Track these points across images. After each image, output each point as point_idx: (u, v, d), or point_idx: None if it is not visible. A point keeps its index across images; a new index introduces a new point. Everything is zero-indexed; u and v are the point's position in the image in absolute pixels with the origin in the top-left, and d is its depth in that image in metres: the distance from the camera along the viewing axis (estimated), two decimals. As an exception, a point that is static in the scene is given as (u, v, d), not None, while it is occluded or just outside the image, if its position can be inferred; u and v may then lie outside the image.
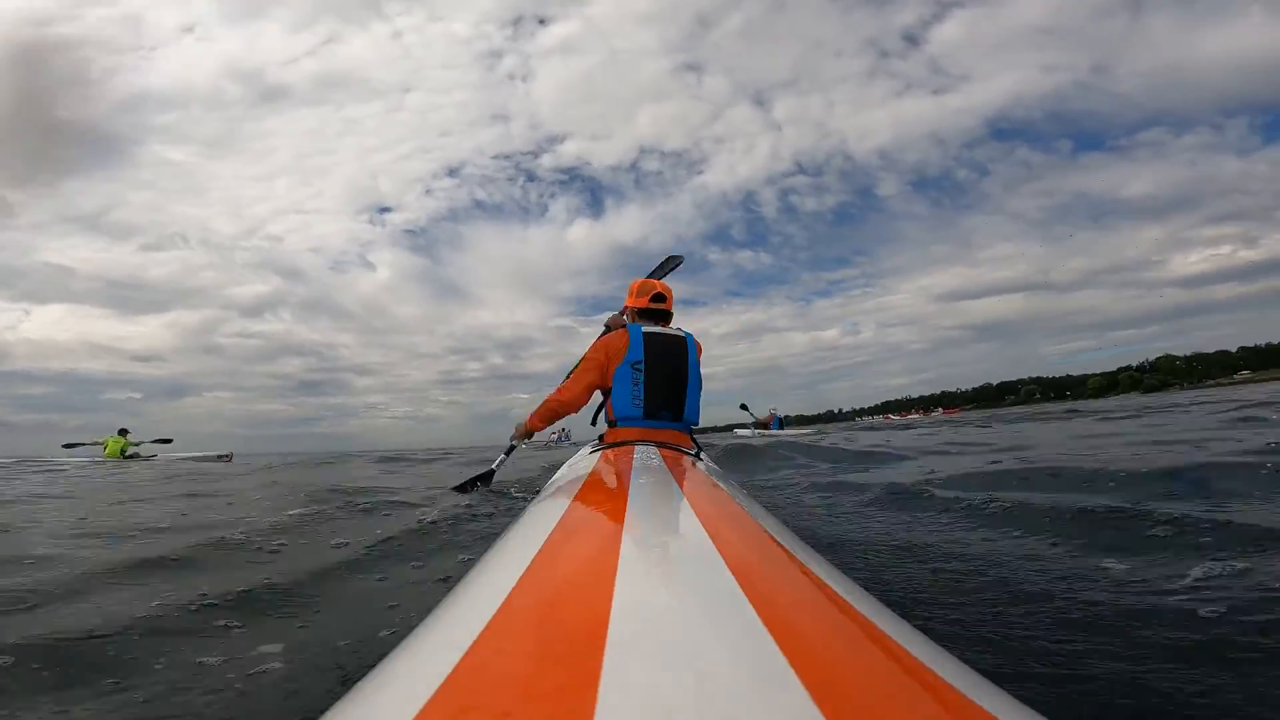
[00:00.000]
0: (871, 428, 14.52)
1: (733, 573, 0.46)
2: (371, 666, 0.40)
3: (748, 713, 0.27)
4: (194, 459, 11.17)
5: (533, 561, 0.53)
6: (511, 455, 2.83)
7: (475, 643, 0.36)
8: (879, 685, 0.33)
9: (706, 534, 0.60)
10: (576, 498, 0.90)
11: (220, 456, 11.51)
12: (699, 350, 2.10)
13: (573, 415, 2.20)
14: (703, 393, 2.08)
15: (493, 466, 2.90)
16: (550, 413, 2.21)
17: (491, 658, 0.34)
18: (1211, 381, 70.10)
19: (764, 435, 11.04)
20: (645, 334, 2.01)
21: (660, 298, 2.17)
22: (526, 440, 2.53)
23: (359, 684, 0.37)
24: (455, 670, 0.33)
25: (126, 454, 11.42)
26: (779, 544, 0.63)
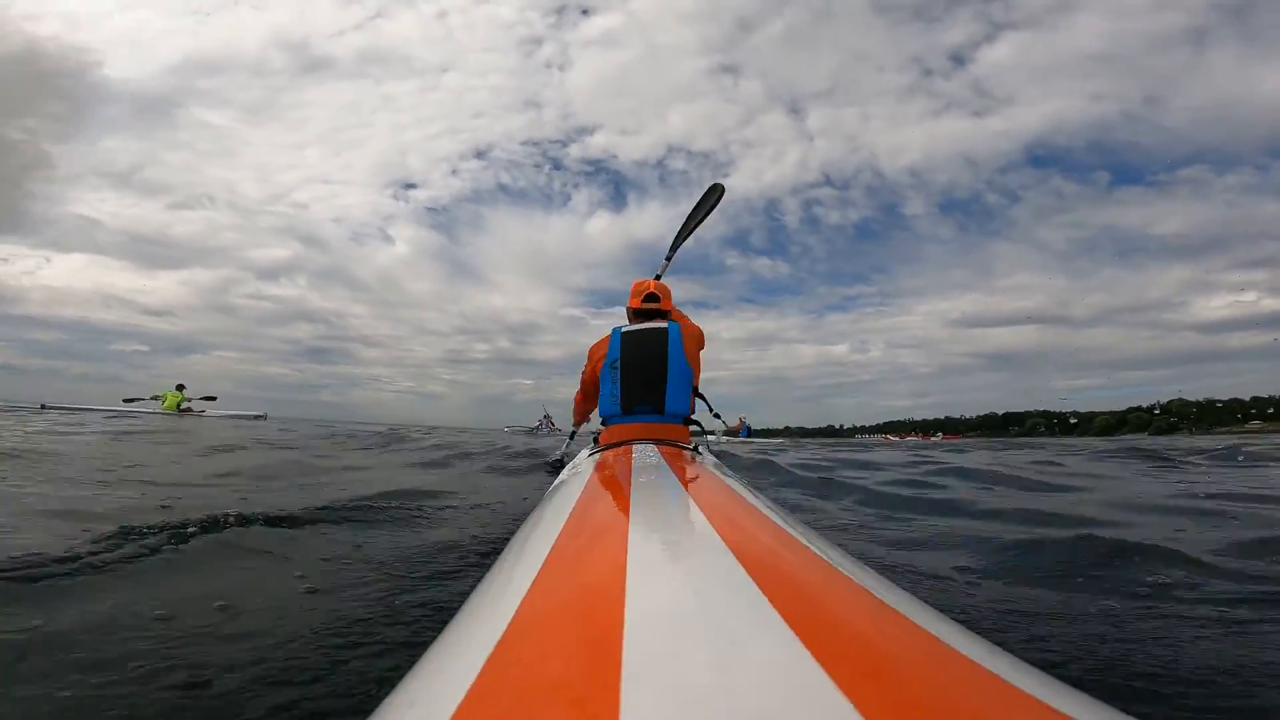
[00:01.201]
0: (859, 447, 12.75)
1: (741, 563, 0.46)
2: (396, 682, 0.40)
3: (772, 702, 0.27)
4: (232, 417, 12.31)
5: (543, 566, 0.53)
6: (570, 442, 2.91)
7: (492, 655, 0.36)
8: (907, 671, 0.32)
9: (712, 526, 0.61)
10: (579, 500, 0.90)
11: (256, 416, 12.88)
12: (689, 337, 2.02)
13: (557, 407, 2.47)
14: (702, 389, 2.05)
15: (560, 455, 2.92)
16: (576, 410, 2.44)
17: (510, 670, 0.34)
18: (1222, 428, 69.06)
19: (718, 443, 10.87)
20: (624, 333, 2.02)
21: (653, 297, 2.16)
22: (574, 430, 2.71)
23: (387, 699, 0.37)
24: (475, 684, 0.33)
25: (181, 408, 12.09)
26: (786, 531, 0.63)
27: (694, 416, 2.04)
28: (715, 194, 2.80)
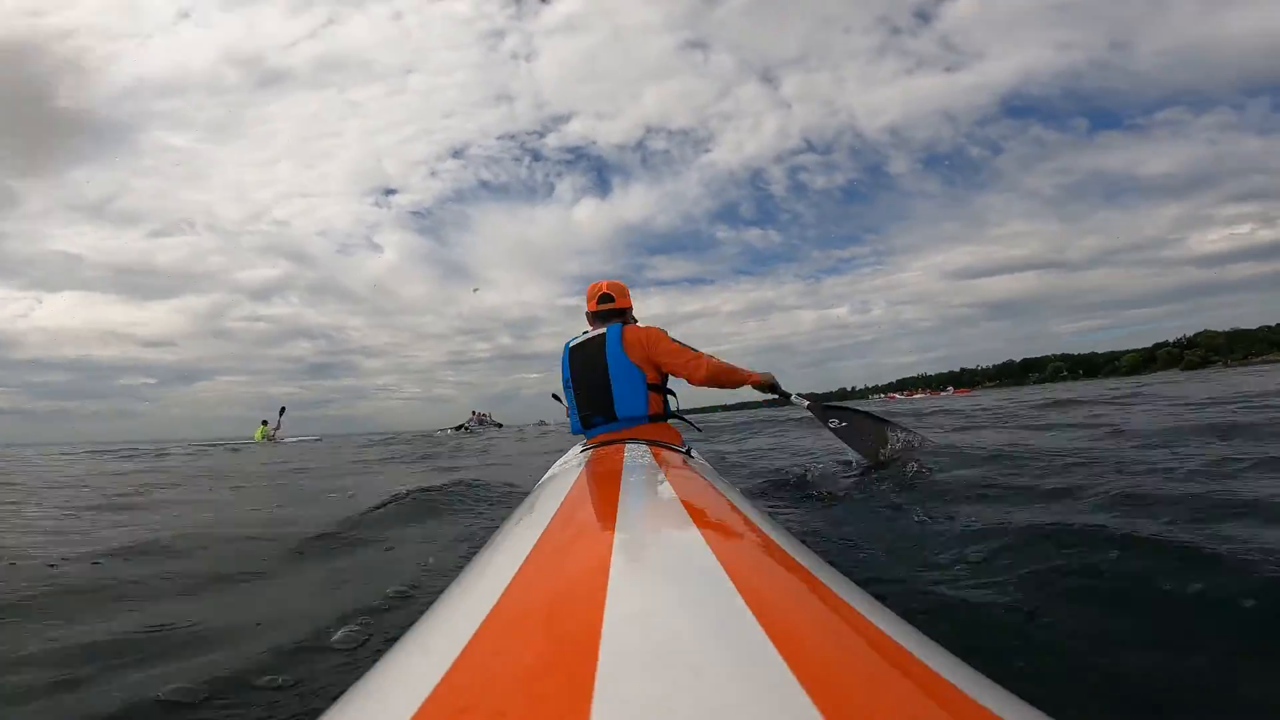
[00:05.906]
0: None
1: (726, 571, 0.45)
2: (362, 671, 0.39)
3: (744, 714, 0.27)
4: (298, 442, 14.26)
5: (524, 564, 0.52)
6: None
7: (466, 648, 0.35)
8: (878, 684, 0.32)
9: (698, 533, 0.59)
10: (567, 497, 0.87)
11: (315, 439, 14.84)
12: (630, 336, 1.96)
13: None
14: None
15: None
16: None
17: (484, 663, 0.34)
18: (1259, 358, 66.91)
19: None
20: (570, 349, 2.05)
21: (607, 298, 2.15)
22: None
23: (349, 690, 0.36)
24: (447, 676, 0.32)
25: (274, 439, 13.77)
26: (772, 541, 0.62)
27: (679, 412, 2.04)
28: None
